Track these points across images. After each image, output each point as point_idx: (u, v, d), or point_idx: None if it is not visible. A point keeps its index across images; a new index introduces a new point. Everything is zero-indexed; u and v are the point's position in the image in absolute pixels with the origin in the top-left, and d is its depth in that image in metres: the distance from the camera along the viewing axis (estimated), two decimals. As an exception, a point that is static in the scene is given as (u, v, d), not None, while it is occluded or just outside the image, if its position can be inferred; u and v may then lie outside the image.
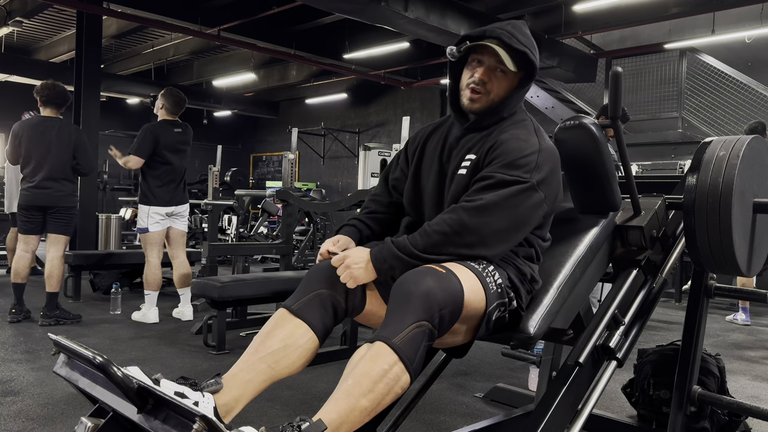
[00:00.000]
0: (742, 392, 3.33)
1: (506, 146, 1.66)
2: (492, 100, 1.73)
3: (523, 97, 1.80)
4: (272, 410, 2.79)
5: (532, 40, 1.74)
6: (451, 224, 1.57)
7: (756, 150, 1.97)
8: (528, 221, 1.65)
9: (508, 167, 1.62)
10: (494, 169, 1.63)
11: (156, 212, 4.72)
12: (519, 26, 1.75)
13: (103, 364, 1.24)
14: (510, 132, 1.71)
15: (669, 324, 5.42)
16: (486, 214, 1.57)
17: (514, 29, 1.72)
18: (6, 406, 2.76)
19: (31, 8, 9.54)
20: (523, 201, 1.61)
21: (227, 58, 12.88)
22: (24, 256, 4.64)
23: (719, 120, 8.24)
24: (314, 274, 1.67)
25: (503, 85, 1.73)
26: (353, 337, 3.88)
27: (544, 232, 1.78)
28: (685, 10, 8.11)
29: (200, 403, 1.37)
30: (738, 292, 2.48)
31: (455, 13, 7.59)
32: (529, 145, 1.67)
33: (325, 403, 1.38)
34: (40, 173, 4.54)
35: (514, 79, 1.74)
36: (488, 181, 1.61)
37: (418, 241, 1.58)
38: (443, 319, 1.46)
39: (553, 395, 1.68)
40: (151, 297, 4.79)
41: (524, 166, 1.63)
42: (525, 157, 1.64)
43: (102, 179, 11.61)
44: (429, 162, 1.84)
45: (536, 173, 1.63)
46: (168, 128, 4.78)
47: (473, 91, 1.72)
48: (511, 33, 1.70)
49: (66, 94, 4.72)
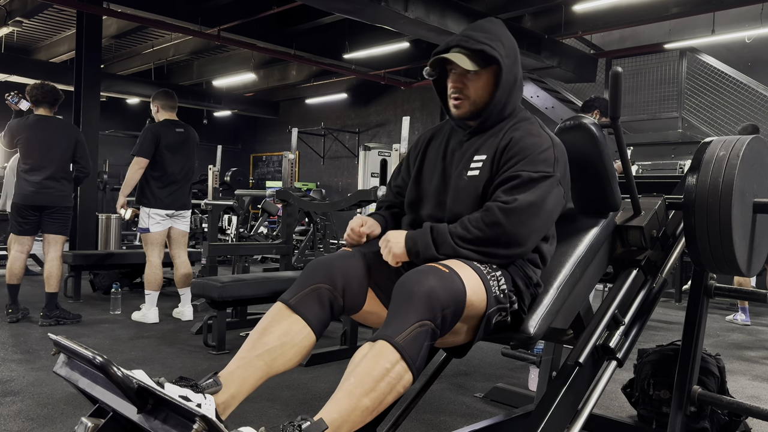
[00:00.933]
0: (742, 392, 3.33)
1: (522, 144, 1.68)
2: (474, 102, 1.76)
3: (512, 91, 1.77)
4: (272, 410, 2.79)
5: (496, 33, 1.75)
6: (490, 225, 1.59)
7: (756, 150, 1.97)
8: (554, 215, 1.68)
9: (531, 164, 1.64)
10: (518, 168, 1.65)
11: (156, 213, 4.71)
12: (480, 25, 1.78)
13: (103, 364, 1.24)
14: (521, 130, 1.72)
15: (669, 324, 5.42)
16: (523, 214, 1.59)
17: (473, 30, 1.75)
18: (6, 406, 2.76)
19: (31, 8, 9.54)
20: (553, 195, 1.64)
21: (227, 58, 12.88)
22: (20, 257, 4.61)
23: (719, 120, 8.24)
24: (313, 269, 1.67)
25: (479, 85, 1.75)
26: (353, 336, 3.88)
27: (550, 233, 1.77)
28: (685, 10, 8.11)
29: (203, 406, 1.37)
30: (738, 292, 2.48)
31: (455, 13, 7.59)
32: (543, 140, 1.69)
33: (327, 402, 1.38)
34: (41, 172, 4.52)
35: (490, 76, 1.75)
36: (516, 181, 1.63)
37: (455, 233, 1.61)
38: (445, 318, 1.46)
39: (553, 395, 1.68)
40: (152, 297, 4.79)
41: (545, 161, 1.65)
42: (544, 152, 1.66)
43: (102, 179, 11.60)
44: (431, 165, 1.86)
45: (557, 167, 1.67)
46: (169, 128, 4.78)
47: (455, 99, 1.77)
48: (469, 36, 1.73)
49: (56, 92, 4.67)
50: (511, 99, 1.77)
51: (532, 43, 8.46)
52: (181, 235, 4.92)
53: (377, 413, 1.41)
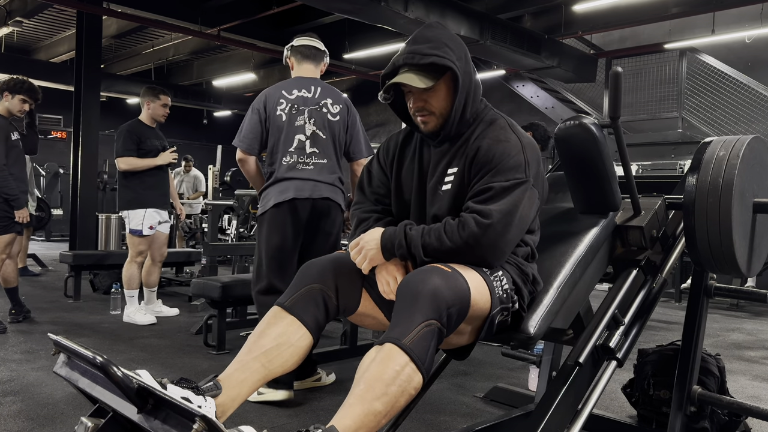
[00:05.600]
0: (742, 392, 3.33)
1: (491, 153, 1.64)
2: (441, 114, 1.71)
3: (470, 91, 1.72)
4: (272, 410, 2.79)
5: (438, 39, 1.68)
6: (465, 238, 1.56)
7: (756, 150, 1.97)
8: (529, 219, 1.67)
9: (501, 173, 1.62)
10: (489, 180, 1.62)
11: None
12: (421, 35, 1.70)
13: (103, 364, 1.24)
14: (488, 137, 1.68)
15: (669, 324, 5.42)
16: (498, 225, 1.56)
17: (415, 44, 1.68)
18: (6, 406, 2.76)
19: (31, 8, 9.55)
20: (526, 200, 1.62)
21: (227, 58, 12.88)
22: (8, 262, 4.45)
23: (719, 120, 8.24)
24: (305, 270, 1.68)
25: (440, 97, 1.70)
26: (353, 337, 3.88)
27: (534, 226, 1.76)
28: (685, 10, 8.12)
29: (203, 407, 1.37)
30: (738, 292, 2.48)
31: (455, 13, 7.59)
32: (512, 144, 1.66)
33: (339, 409, 1.37)
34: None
35: (448, 84, 1.70)
36: (489, 193, 1.60)
37: (428, 245, 1.59)
38: (451, 317, 1.46)
39: (553, 395, 1.68)
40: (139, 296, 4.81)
41: (516, 167, 1.62)
42: (513, 158, 1.63)
43: (102, 179, 11.62)
44: (408, 176, 1.83)
45: (528, 170, 1.64)
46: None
47: (420, 116, 1.73)
48: (414, 51, 1.65)
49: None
50: (471, 100, 1.73)
51: (532, 43, 8.46)
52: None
53: (390, 417, 1.40)
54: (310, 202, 2.97)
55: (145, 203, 4.57)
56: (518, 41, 8.28)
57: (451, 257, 1.57)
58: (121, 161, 4.53)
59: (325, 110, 3.03)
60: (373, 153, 2.92)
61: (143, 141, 4.56)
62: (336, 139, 3.06)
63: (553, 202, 2.12)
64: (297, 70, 3.11)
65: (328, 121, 3.03)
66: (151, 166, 4.56)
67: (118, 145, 4.54)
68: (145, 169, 4.55)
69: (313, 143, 2.99)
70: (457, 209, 1.68)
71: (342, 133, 3.08)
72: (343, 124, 3.08)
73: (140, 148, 4.54)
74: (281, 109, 2.96)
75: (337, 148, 3.07)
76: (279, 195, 2.94)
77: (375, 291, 1.70)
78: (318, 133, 3.00)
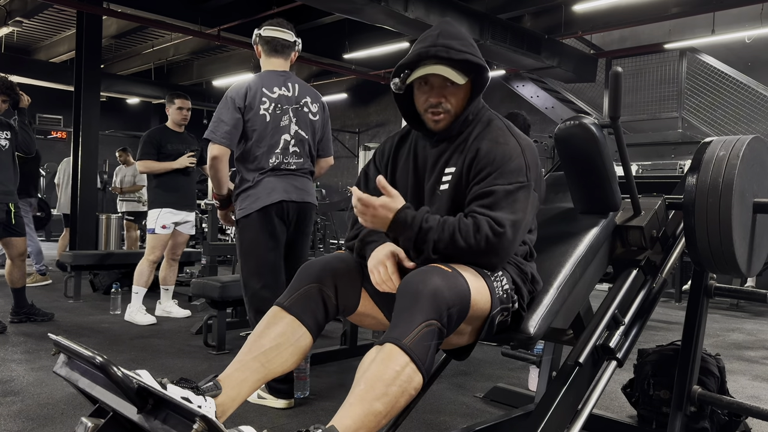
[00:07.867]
0: (742, 392, 3.33)
1: (491, 155, 1.64)
2: (455, 114, 1.71)
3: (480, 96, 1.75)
4: (272, 410, 2.79)
5: (468, 38, 1.70)
6: (480, 242, 1.54)
7: (756, 150, 1.97)
8: (530, 223, 1.68)
9: (503, 176, 1.61)
10: (491, 182, 1.61)
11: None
12: (449, 32, 1.69)
13: (103, 364, 1.24)
14: (487, 138, 1.68)
15: (669, 324, 5.42)
16: (511, 234, 1.56)
17: (447, 38, 1.66)
18: (6, 406, 2.76)
19: (31, 8, 9.55)
20: (531, 206, 1.63)
21: (227, 58, 12.88)
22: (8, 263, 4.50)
23: (719, 120, 8.24)
24: (305, 270, 1.68)
25: (459, 96, 1.70)
26: (353, 337, 3.87)
27: (531, 225, 1.76)
28: (685, 10, 8.12)
29: (203, 407, 1.37)
30: (738, 292, 2.48)
31: (455, 13, 7.59)
32: (512, 148, 1.66)
33: (339, 409, 1.37)
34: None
35: (467, 85, 1.71)
36: (492, 197, 1.59)
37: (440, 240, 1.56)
38: (451, 317, 1.46)
39: (553, 395, 1.68)
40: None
41: (518, 171, 1.63)
42: (515, 161, 1.63)
43: (102, 179, 11.61)
44: (403, 176, 1.82)
45: (529, 173, 1.64)
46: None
47: (434, 114, 1.71)
48: (446, 45, 1.64)
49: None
50: (478, 105, 1.75)
51: (532, 43, 8.46)
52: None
53: (391, 417, 1.40)
54: (296, 205, 2.97)
55: (161, 203, 4.76)
56: (518, 41, 8.28)
57: (459, 257, 1.56)
58: (140, 164, 4.80)
59: (306, 110, 3.04)
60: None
61: (164, 145, 4.78)
62: (314, 138, 3.08)
63: (552, 202, 2.12)
64: (266, 63, 3.07)
65: (310, 120, 3.05)
66: (167, 169, 4.75)
67: (139, 149, 4.80)
68: (162, 171, 4.74)
69: (296, 143, 3.00)
70: (455, 209, 1.68)
71: (319, 131, 3.11)
72: (320, 124, 3.11)
73: (161, 152, 4.76)
74: (264, 109, 2.92)
75: (312, 146, 3.08)
76: (267, 197, 2.91)
77: (374, 291, 1.69)
78: (300, 132, 3.01)
